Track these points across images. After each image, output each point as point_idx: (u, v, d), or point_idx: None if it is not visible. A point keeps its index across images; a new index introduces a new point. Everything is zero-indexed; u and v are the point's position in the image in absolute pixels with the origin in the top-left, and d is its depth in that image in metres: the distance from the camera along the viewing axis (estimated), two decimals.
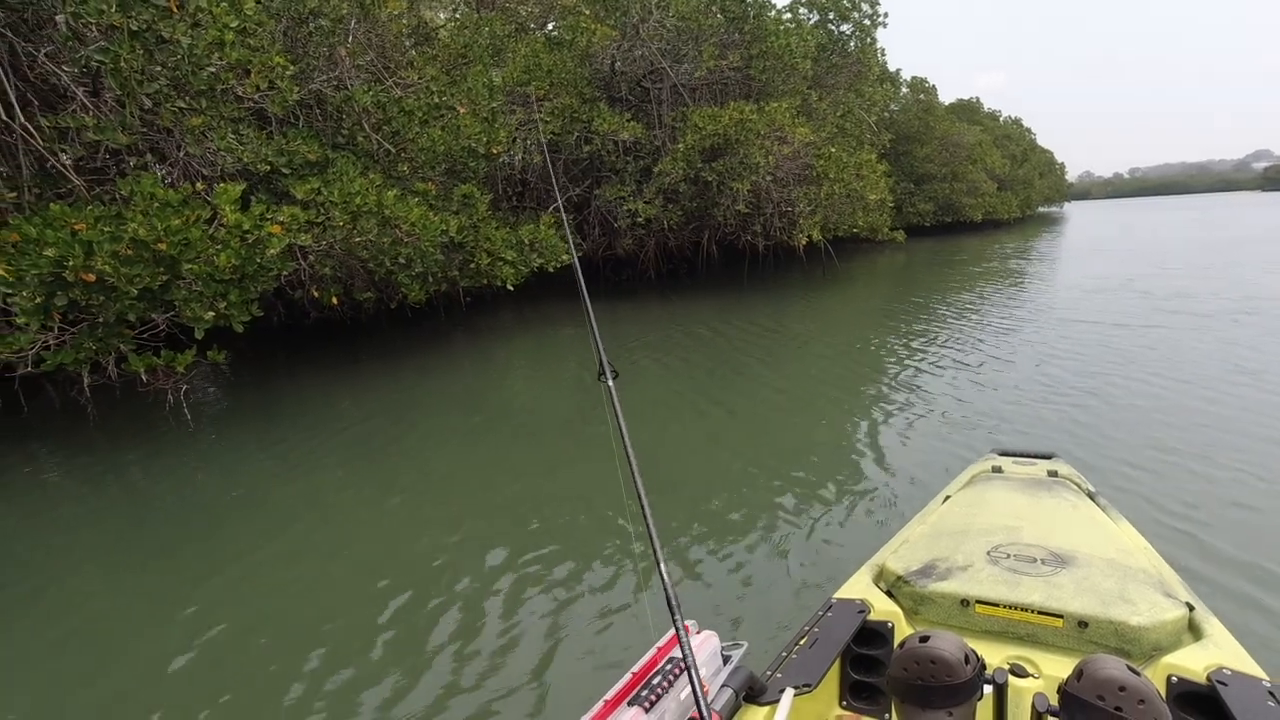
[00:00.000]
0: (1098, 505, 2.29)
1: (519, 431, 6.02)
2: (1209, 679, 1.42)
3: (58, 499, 4.96)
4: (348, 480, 5.00)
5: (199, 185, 6.32)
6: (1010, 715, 1.34)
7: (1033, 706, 1.22)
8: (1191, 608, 1.65)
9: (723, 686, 1.37)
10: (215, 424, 6.77)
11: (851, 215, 15.59)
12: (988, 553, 1.89)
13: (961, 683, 1.21)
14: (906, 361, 7.50)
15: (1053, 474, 2.52)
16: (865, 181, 14.90)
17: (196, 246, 5.30)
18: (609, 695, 1.25)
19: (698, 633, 1.47)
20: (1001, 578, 1.77)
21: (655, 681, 1.28)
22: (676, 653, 1.37)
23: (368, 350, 10.21)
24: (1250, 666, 1.46)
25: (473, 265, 9.82)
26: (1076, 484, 2.46)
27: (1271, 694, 1.35)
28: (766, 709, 1.42)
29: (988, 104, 42.58)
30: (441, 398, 7.25)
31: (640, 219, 14.31)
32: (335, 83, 9.04)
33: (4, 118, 6.13)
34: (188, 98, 7.08)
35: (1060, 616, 1.64)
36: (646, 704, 1.23)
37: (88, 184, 6.72)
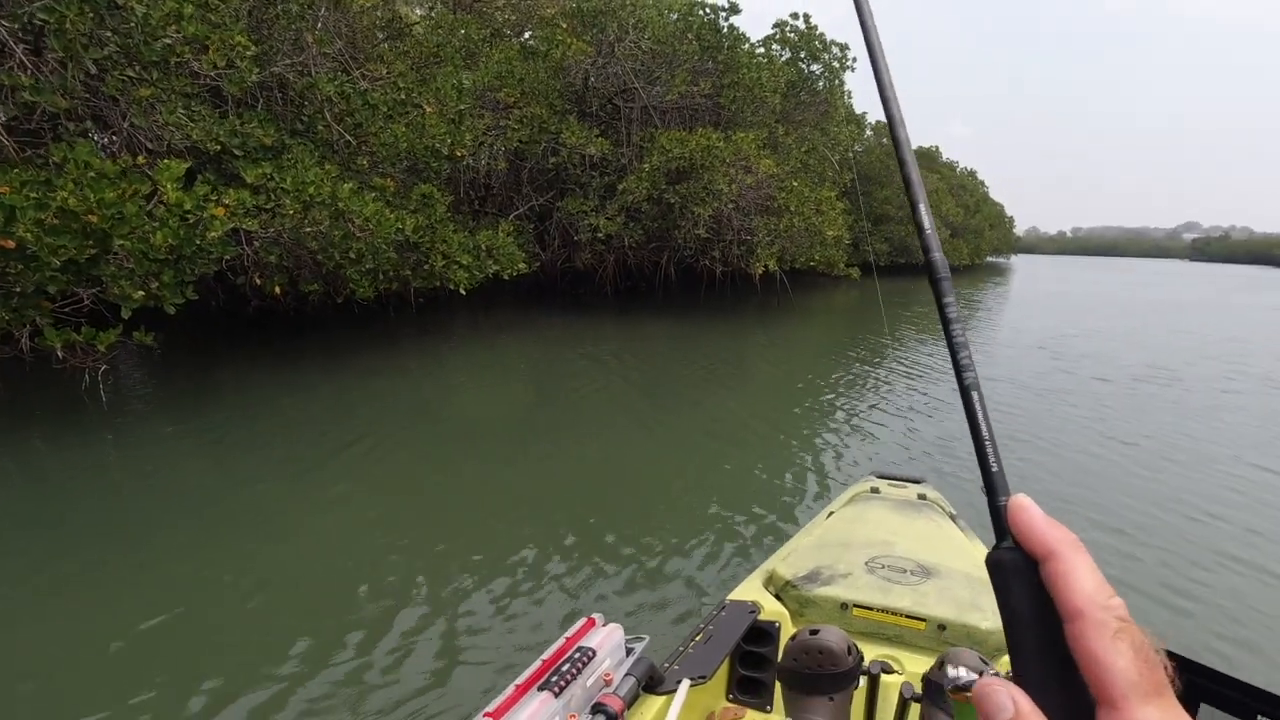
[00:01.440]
0: (958, 526, 2.57)
1: (460, 438, 5.91)
2: None
3: None
4: (277, 480, 4.80)
5: (140, 159, 6.05)
6: (880, 701, 1.48)
7: (900, 694, 1.34)
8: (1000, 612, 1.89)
9: (626, 675, 1.46)
10: (139, 410, 6.43)
11: (809, 249, 15.89)
12: (865, 563, 2.11)
13: (844, 671, 1.35)
14: (821, 398, 7.83)
15: (922, 497, 2.80)
16: (824, 217, 15.23)
17: (131, 222, 5.05)
18: (520, 680, 1.29)
19: (604, 625, 1.53)
20: (876, 585, 1.99)
21: (565, 668, 1.33)
22: (585, 642, 1.43)
23: (311, 344, 9.89)
24: None
25: (426, 266, 9.64)
26: (941, 506, 2.75)
27: None
28: (664, 698, 1.54)
29: (948, 154, 44.23)
30: (384, 400, 7.05)
31: (601, 235, 14.32)
32: (299, 68, 8.82)
33: None
34: (138, 67, 6.80)
35: (924, 620, 1.87)
36: (556, 689, 1.28)
37: (19, 146, 6.36)
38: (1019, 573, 0.39)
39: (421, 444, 5.71)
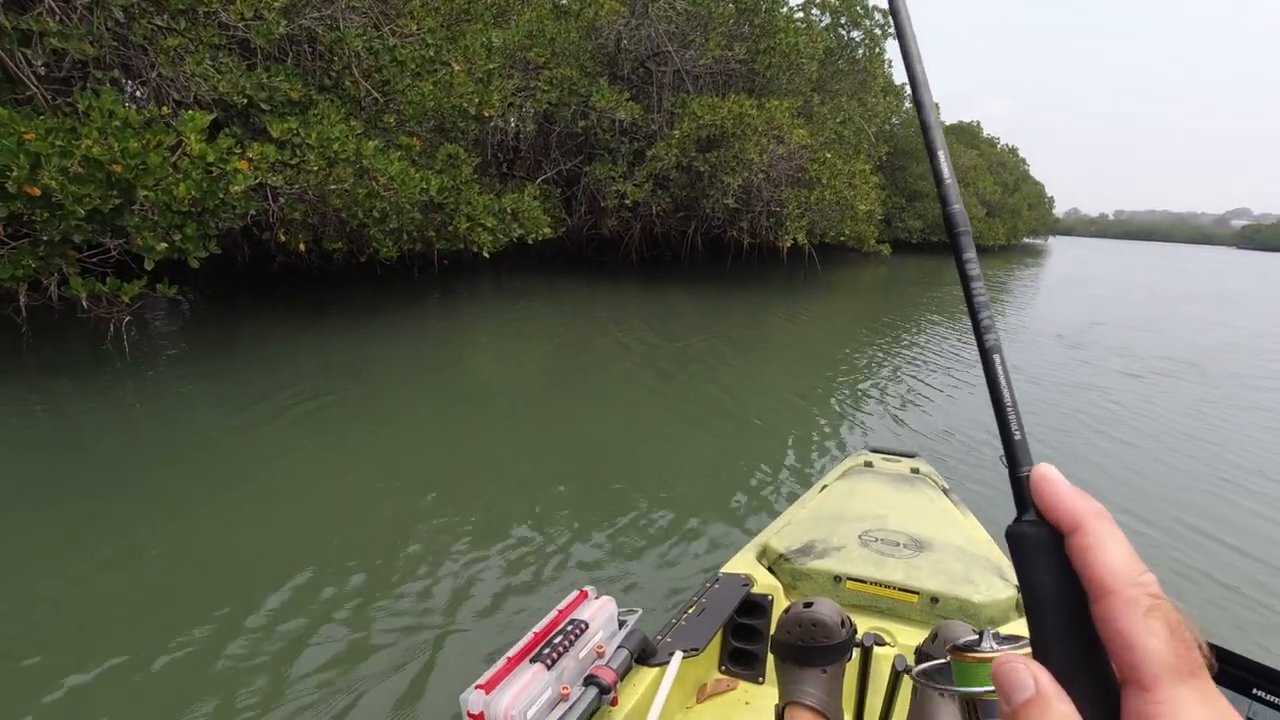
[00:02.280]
0: (950, 500, 2.57)
1: (470, 402, 5.91)
2: None
3: None
4: (294, 433, 4.83)
5: (165, 109, 6.01)
6: (872, 674, 1.48)
7: (892, 666, 1.34)
8: (1019, 589, 1.90)
9: (619, 648, 1.46)
10: (165, 360, 6.50)
11: (839, 223, 15.57)
12: (859, 536, 2.12)
13: (837, 644, 1.34)
14: (832, 375, 7.71)
15: (915, 471, 2.79)
16: (857, 191, 14.88)
17: (155, 173, 5.04)
18: (512, 652, 1.29)
19: (597, 598, 1.53)
20: (869, 558, 2.00)
21: (556, 640, 1.33)
22: (578, 614, 1.44)
23: (334, 302, 9.94)
24: None
25: (450, 228, 9.58)
26: (934, 480, 2.75)
27: None
28: (657, 670, 1.56)
29: (988, 130, 42.85)
30: (403, 361, 7.06)
31: (628, 202, 14.12)
32: (328, 22, 8.69)
33: None
34: (166, 16, 6.74)
35: (916, 593, 1.88)
36: (548, 661, 1.28)
37: (51, 94, 6.37)
38: (1042, 547, 0.37)
39: (431, 406, 5.71)
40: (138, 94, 7.49)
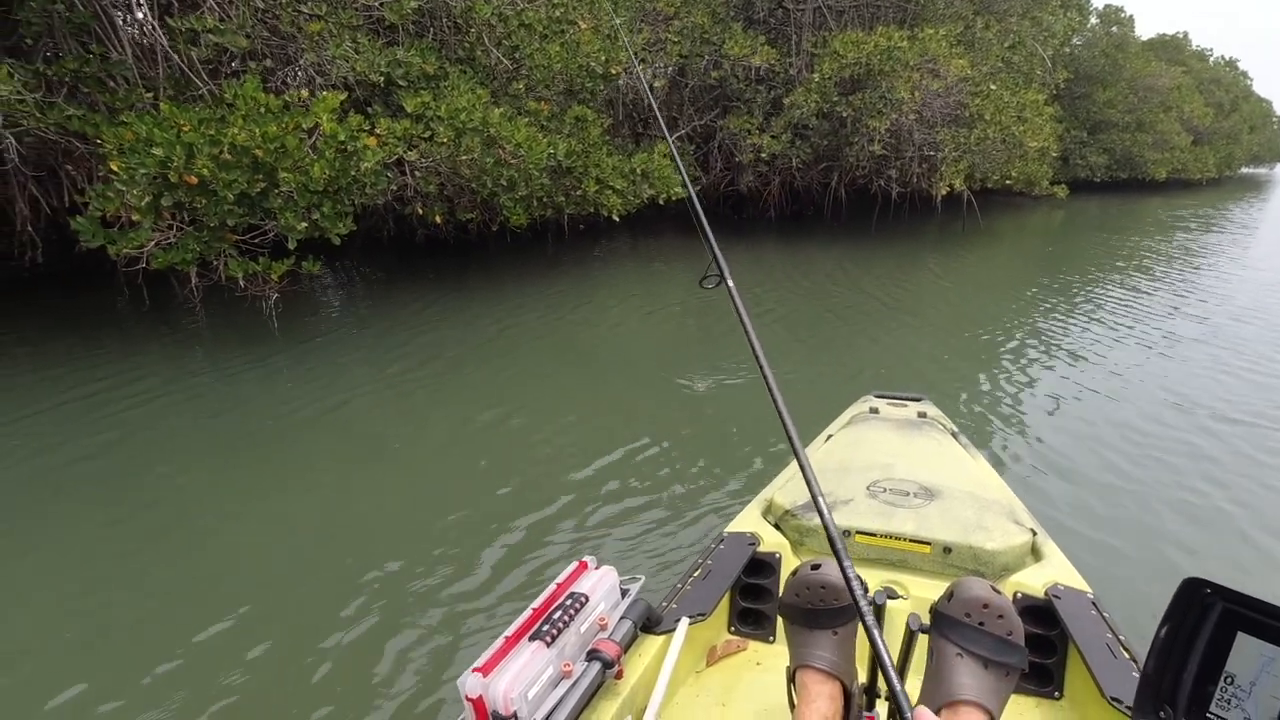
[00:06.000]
0: (959, 443, 2.49)
1: (597, 376, 5.83)
2: (1046, 594, 1.64)
3: (155, 386, 5.27)
4: (406, 405, 4.99)
5: (304, 93, 6.31)
6: (886, 629, 1.35)
7: (907, 625, 1.29)
8: (1034, 533, 1.88)
9: (622, 618, 1.44)
10: (316, 331, 6.99)
11: (1005, 164, 13.86)
12: (867, 487, 2.06)
13: (847, 605, 1.26)
14: (970, 347, 6.53)
15: (922, 415, 2.71)
16: (1027, 126, 13.13)
17: (293, 155, 5.29)
18: (509, 631, 1.26)
19: (597, 568, 1.50)
20: (878, 510, 1.95)
21: (556, 616, 1.31)
22: (577, 587, 1.41)
23: (474, 274, 10.27)
24: (1078, 582, 1.71)
25: (579, 192, 9.51)
26: (942, 424, 2.67)
27: (1094, 604, 1.60)
28: (663, 638, 1.54)
29: (1199, 41, 36.27)
30: (536, 333, 7.14)
31: (765, 155, 13.40)
32: None
33: (138, 16, 6.35)
34: (310, 2, 7.06)
35: (928, 544, 1.84)
36: (548, 638, 1.25)
37: (218, 89, 6.91)
38: None
39: (568, 385, 5.69)
40: (290, 80, 7.98)
